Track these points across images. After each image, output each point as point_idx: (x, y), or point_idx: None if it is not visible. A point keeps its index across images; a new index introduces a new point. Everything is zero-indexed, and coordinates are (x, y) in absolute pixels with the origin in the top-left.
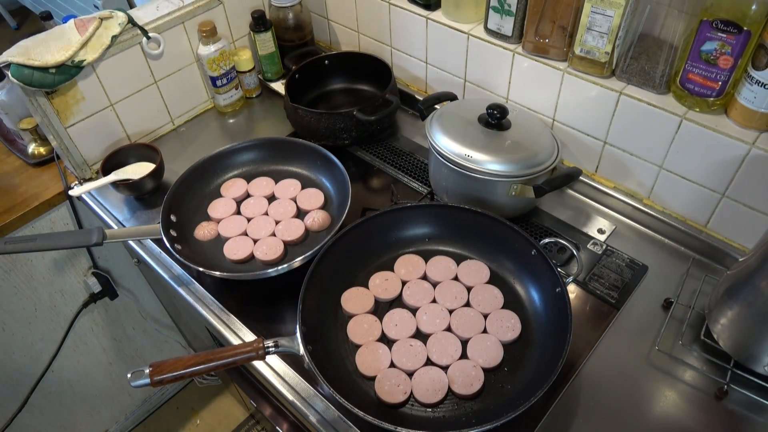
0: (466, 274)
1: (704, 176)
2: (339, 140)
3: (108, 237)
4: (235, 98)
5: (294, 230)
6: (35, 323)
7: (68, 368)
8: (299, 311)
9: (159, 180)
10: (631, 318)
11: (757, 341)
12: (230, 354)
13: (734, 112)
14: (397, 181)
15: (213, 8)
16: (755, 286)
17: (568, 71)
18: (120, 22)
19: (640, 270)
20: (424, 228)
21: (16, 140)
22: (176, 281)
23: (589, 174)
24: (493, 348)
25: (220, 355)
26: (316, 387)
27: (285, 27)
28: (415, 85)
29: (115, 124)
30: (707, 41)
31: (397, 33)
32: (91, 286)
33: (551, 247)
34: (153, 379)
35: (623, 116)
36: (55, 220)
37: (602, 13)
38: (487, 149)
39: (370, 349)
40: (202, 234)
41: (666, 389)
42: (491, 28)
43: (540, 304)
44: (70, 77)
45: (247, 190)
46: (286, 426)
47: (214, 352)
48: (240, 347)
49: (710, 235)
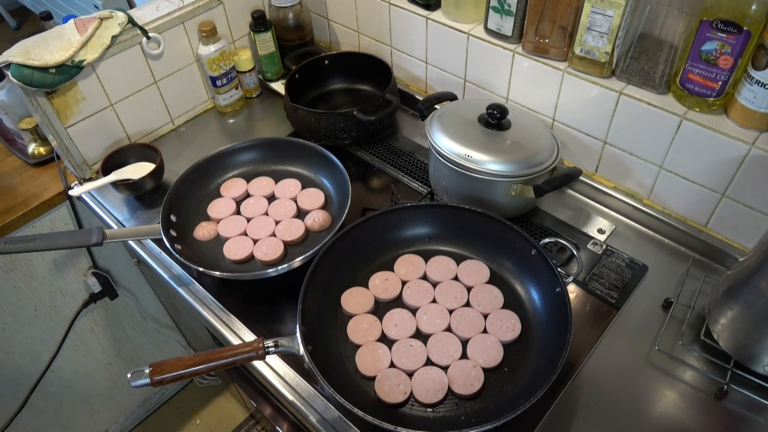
0: (466, 274)
1: (704, 176)
2: (339, 140)
3: (108, 237)
4: (235, 98)
5: (294, 230)
6: (35, 323)
7: (68, 368)
8: (299, 311)
9: (159, 180)
10: (631, 318)
11: (757, 341)
12: (230, 354)
13: (734, 112)
14: (397, 181)
15: (213, 8)
16: (755, 286)
17: (568, 71)
18: (120, 22)
19: (640, 270)
20: (424, 228)
21: (16, 140)
22: (176, 281)
23: (589, 174)
24: (493, 348)
25: (220, 355)
26: (316, 387)
27: (285, 27)
28: (415, 85)
29: (115, 124)
30: (707, 41)
31: (397, 33)
32: (91, 286)
33: (551, 247)
34: (153, 379)
35: (623, 116)
36: (55, 220)
37: (602, 13)
38: (487, 149)
39: (370, 349)
40: (202, 234)
41: (666, 389)
42: (491, 28)
43: (540, 304)
44: (70, 77)
45: (247, 190)
46: (286, 426)
47: (214, 352)
48: (240, 347)
49: (710, 235)
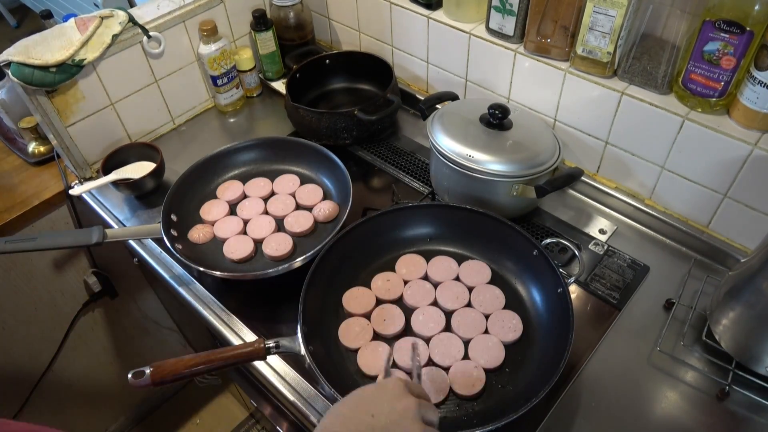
0: (468, 274)
1: (706, 177)
2: (340, 140)
3: (108, 236)
4: (236, 97)
5: (303, 222)
6: (35, 323)
7: (68, 368)
8: (300, 311)
9: (159, 179)
10: (632, 318)
11: (759, 342)
12: (231, 354)
13: (736, 113)
14: (398, 181)
15: (214, 7)
16: (757, 286)
17: (570, 71)
18: (120, 21)
19: (642, 270)
20: (426, 228)
21: (16, 139)
22: (176, 281)
23: (590, 174)
24: (495, 348)
25: (220, 355)
26: (316, 387)
27: (286, 26)
28: (416, 85)
29: (116, 123)
30: (710, 41)
31: (399, 32)
32: (91, 285)
33: (553, 248)
34: (154, 379)
35: (625, 116)
36: (55, 220)
37: (604, 13)
38: (488, 149)
39: (370, 348)
40: (196, 237)
41: (667, 390)
42: (493, 27)
43: (541, 305)
44: (70, 76)
45: (244, 191)
46: (286, 426)
47: (214, 352)
48: (241, 347)
49: (712, 235)
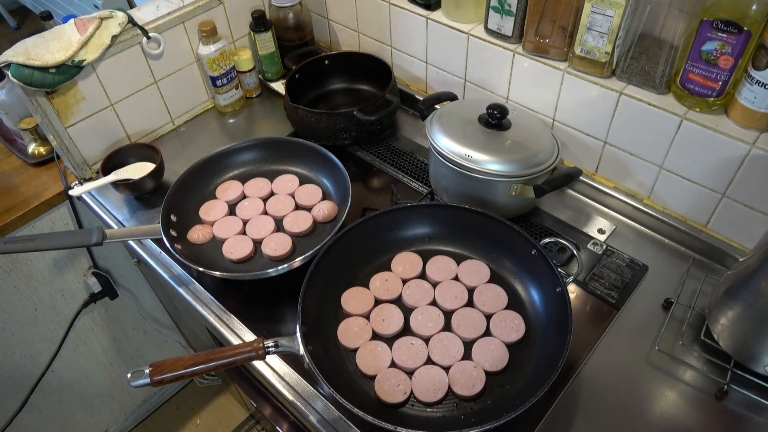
0: (467, 274)
1: (704, 176)
2: (339, 140)
3: (108, 237)
4: (236, 98)
5: (302, 222)
6: (35, 323)
7: (68, 368)
8: (299, 311)
9: (159, 180)
10: (631, 318)
11: (758, 341)
12: (230, 354)
13: (734, 112)
14: (397, 181)
15: (213, 8)
16: (755, 286)
17: (569, 71)
18: (120, 22)
19: (641, 270)
20: (425, 228)
21: (16, 140)
22: (176, 281)
23: (589, 174)
24: (498, 351)
25: (220, 355)
26: (316, 387)
27: (285, 27)
28: (415, 85)
29: (115, 123)
30: (707, 41)
31: (397, 33)
32: (91, 286)
33: (551, 247)
34: (153, 379)
35: (623, 116)
36: (55, 220)
37: (602, 13)
38: (487, 149)
39: (369, 347)
40: (196, 237)
41: (666, 389)
42: (491, 28)
43: (540, 304)
44: (70, 77)
45: (243, 191)
46: (286, 426)
47: (214, 352)
48: (240, 347)
49: (710, 235)
